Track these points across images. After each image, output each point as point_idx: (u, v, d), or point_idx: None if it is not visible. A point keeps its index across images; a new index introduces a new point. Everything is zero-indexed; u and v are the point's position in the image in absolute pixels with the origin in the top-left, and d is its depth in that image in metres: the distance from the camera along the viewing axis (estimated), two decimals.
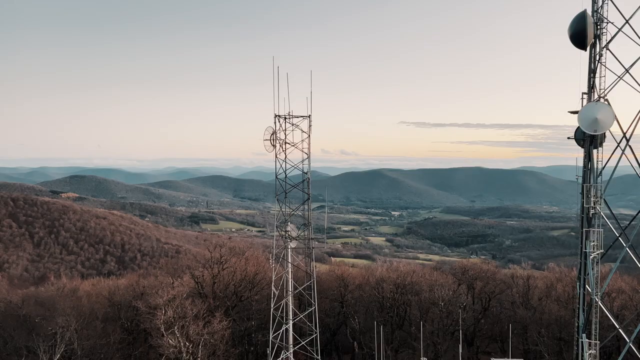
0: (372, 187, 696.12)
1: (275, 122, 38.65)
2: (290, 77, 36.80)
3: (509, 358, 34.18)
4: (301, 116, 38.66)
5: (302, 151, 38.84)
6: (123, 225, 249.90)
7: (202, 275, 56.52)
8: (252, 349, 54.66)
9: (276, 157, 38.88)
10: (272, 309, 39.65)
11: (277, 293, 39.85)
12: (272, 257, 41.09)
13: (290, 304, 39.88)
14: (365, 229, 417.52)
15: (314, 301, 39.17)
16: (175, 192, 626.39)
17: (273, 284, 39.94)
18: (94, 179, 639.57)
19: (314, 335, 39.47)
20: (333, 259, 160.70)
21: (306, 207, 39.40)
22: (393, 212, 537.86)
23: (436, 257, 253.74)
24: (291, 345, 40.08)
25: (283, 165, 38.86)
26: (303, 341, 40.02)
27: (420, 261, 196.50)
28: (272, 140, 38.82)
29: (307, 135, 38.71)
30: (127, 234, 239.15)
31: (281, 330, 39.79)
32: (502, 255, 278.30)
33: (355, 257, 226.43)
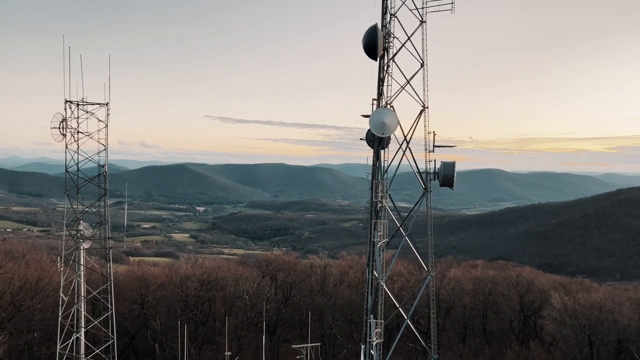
0: (175, 181, 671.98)
1: (65, 109, 34.65)
2: (87, 61, 33.32)
3: (307, 343, 36.35)
4: (97, 103, 35.34)
5: (98, 142, 35.61)
6: None
7: None
8: None
9: (66, 147, 34.91)
10: (59, 318, 35.64)
11: (66, 299, 35.96)
12: (60, 260, 36.75)
13: (83, 310, 36.32)
14: (168, 225, 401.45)
15: (111, 305, 36.28)
16: None
17: (61, 289, 35.95)
18: None
19: (110, 342, 36.61)
20: (132, 258, 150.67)
21: (102, 203, 36.22)
22: (198, 208, 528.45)
23: (241, 251, 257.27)
24: (82, 355, 36.50)
25: (75, 157, 35.11)
26: (97, 349, 36.80)
27: (226, 256, 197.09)
28: (61, 129, 34.73)
29: (104, 125, 35.57)
30: None
31: (71, 340, 35.99)
32: (301, 246, 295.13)
33: (157, 255, 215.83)
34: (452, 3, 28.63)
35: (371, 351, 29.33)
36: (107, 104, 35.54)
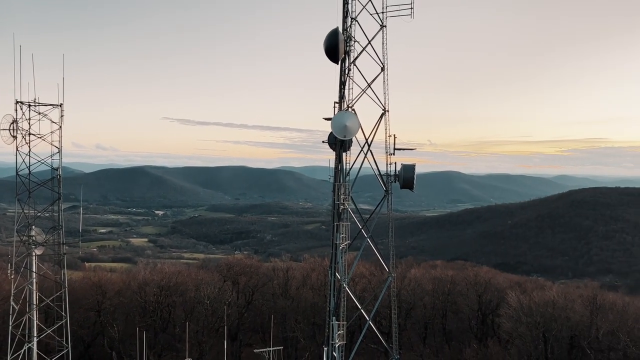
0: (133, 185, 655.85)
1: (16, 110, 33.39)
2: (41, 61, 32.17)
3: (269, 347, 36.13)
4: (50, 104, 34.18)
5: (52, 144, 34.45)
6: None
7: None
8: None
9: (17, 150, 33.63)
10: (10, 327, 34.22)
11: (17, 308, 34.55)
12: (10, 267, 35.27)
13: (35, 319, 34.96)
14: (126, 230, 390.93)
15: (65, 313, 35.07)
16: None
17: (12, 298, 34.51)
18: None
19: (64, 351, 35.42)
20: (88, 264, 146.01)
21: (56, 207, 35.01)
22: (157, 212, 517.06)
23: (201, 256, 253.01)
24: None
25: (26, 160, 33.86)
26: (51, 359, 35.51)
27: (186, 260, 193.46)
28: (12, 131, 33.46)
29: (57, 127, 34.43)
30: None
31: (22, 350, 34.60)
32: (263, 249, 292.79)
33: (114, 260, 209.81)
34: (412, 8, 29.16)
35: (334, 353, 29.42)
36: (60, 105, 34.46)
